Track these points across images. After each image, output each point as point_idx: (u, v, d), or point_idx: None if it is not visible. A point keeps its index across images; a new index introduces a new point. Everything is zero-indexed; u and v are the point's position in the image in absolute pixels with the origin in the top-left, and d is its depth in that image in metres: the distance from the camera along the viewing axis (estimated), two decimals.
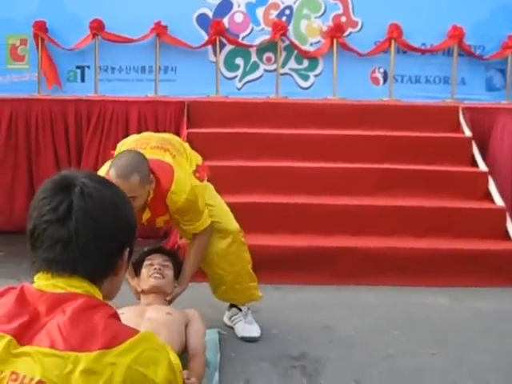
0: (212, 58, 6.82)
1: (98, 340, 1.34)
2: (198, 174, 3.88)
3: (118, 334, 1.38)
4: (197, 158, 4.03)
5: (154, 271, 3.66)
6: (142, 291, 3.65)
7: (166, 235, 5.60)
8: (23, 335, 1.37)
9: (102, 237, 1.45)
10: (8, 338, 1.36)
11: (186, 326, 3.45)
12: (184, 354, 3.28)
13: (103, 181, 1.54)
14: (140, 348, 1.37)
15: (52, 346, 1.34)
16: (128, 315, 3.22)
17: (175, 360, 1.44)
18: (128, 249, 1.52)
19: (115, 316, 1.44)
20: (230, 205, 5.31)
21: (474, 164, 5.83)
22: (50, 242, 1.43)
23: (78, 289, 1.44)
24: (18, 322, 1.38)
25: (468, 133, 6.01)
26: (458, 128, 6.10)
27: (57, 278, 1.44)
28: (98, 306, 1.43)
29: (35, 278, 1.47)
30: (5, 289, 1.49)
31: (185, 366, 3.13)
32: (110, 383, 1.31)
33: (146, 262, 3.73)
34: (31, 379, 1.31)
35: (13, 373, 1.33)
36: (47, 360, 1.32)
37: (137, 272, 3.74)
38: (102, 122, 5.98)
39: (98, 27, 6.61)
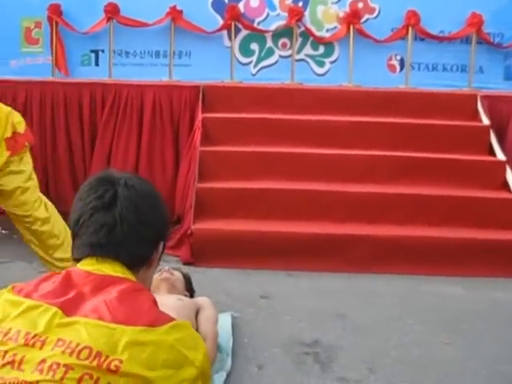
0: (227, 43, 6.77)
1: (143, 317, 1.42)
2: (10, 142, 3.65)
3: (160, 317, 1.46)
4: (15, 126, 3.76)
5: (163, 271, 3.70)
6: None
7: (179, 220, 5.58)
8: (69, 308, 1.44)
9: (144, 224, 1.56)
10: (54, 309, 1.44)
11: (198, 313, 3.44)
12: None
13: (144, 179, 1.68)
14: (181, 332, 1.45)
15: (100, 319, 1.41)
16: None
17: None
18: (162, 243, 1.63)
19: (155, 303, 1.52)
20: (243, 190, 5.33)
21: (492, 153, 5.77)
22: (95, 226, 1.53)
23: (122, 274, 1.53)
24: (63, 298, 1.46)
25: (486, 121, 5.94)
26: (475, 116, 6.04)
27: (101, 263, 1.53)
28: (142, 291, 1.52)
29: (79, 265, 1.55)
30: (50, 274, 1.57)
31: None
32: (152, 358, 1.38)
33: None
34: (77, 344, 1.38)
35: (59, 339, 1.39)
36: (94, 330, 1.39)
37: None
38: (117, 105, 5.97)
39: (112, 11, 6.58)
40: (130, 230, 1.54)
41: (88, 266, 1.53)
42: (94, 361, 1.36)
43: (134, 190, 1.58)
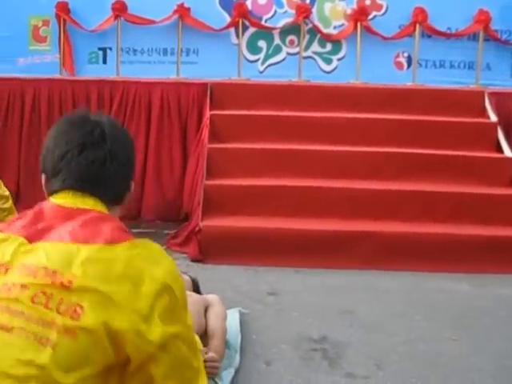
0: (234, 40, 6.79)
1: (102, 237, 1.45)
2: None
3: (122, 236, 1.48)
4: None
5: None
6: None
7: (186, 218, 5.60)
8: (34, 236, 1.47)
9: (127, 162, 1.61)
10: (20, 239, 1.47)
11: (207, 310, 3.46)
12: (205, 337, 3.28)
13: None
14: (142, 249, 1.46)
15: (59, 240, 1.44)
16: None
17: (181, 287, 1.49)
18: (132, 183, 1.65)
19: (124, 229, 1.52)
20: (251, 187, 5.35)
21: (499, 150, 5.77)
22: (86, 162, 1.54)
23: (92, 206, 1.53)
24: (31, 229, 1.49)
25: (493, 118, 5.95)
26: (483, 113, 6.04)
27: (76, 197, 1.54)
28: (109, 219, 1.53)
29: (52, 198, 1.56)
30: (24, 212, 1.59)
31: (205, 345, 3.14)
32: (107, 272, 1.39)
33: None
34: (36, 266, 1.41)
35: (21, 264, 1.43)
36: (52, 251, 1.42)
37: None
38: (125, 103, 5.99)
39: (120, 8, 6.60)
40: (118, 166, 1.57)
41: (61, 199, 1.54)
42: (49, 278, 1.39)
43: (117, 129, 1.62)
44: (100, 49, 6.83)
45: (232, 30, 6.77)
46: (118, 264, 1.40)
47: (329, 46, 6.85)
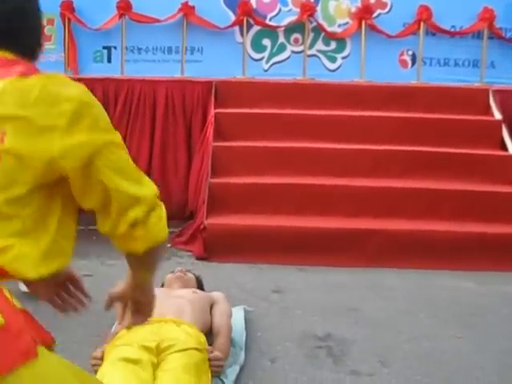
0: (239, 38, 6.80)
1: (15, 72, 1.47)
2: None
3: (34, 70, 1.50)
4: None
5: (177, 271, 3.74)
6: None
7: (191, 216, 5.62)
8: None
9: (33, 17, 1.63)
10: None
11: (212, 307, 3.48)
12: (210, 335, 3.30)
13: None
14: (55, 78, 1.50)
15: None
16: (158, 293, 3.25)
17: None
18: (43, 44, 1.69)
19: (36, 68, 1.55)
20: (255, 185, 5.36)
21: (504, 147, 5.78)
22: None
23: (6, 55, 1.55)
24: None
25: (498, 116, 5.95)
26: (487, 111, 6.04)
27: None
28: (22, 62, 1.55)
29: None
30: None
31: (210, 343, 3.15)
32: (25, 100, 1.42)
33: None
34: None
35: None
36: None
37: None
38: (130, 102, 6.00)
39: (125, 7, 6.62)
40: (24, 21, 1.59)
41: None
42: None
43: None
44: (105, 47, 6.84)
45: (236, 28, 6.78)
46: (34, 90, 1.44)
47: (333, 45, 6.85)
